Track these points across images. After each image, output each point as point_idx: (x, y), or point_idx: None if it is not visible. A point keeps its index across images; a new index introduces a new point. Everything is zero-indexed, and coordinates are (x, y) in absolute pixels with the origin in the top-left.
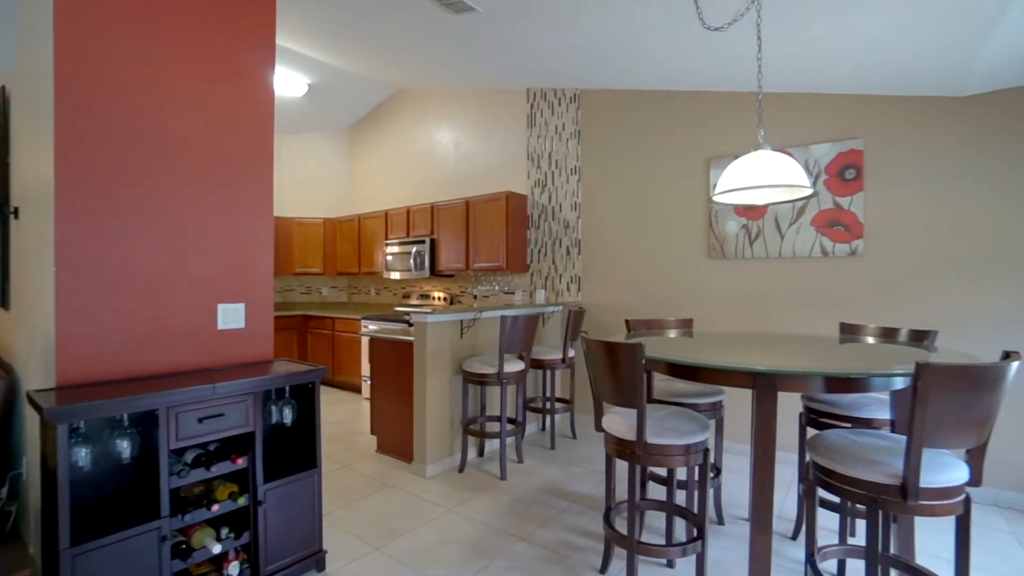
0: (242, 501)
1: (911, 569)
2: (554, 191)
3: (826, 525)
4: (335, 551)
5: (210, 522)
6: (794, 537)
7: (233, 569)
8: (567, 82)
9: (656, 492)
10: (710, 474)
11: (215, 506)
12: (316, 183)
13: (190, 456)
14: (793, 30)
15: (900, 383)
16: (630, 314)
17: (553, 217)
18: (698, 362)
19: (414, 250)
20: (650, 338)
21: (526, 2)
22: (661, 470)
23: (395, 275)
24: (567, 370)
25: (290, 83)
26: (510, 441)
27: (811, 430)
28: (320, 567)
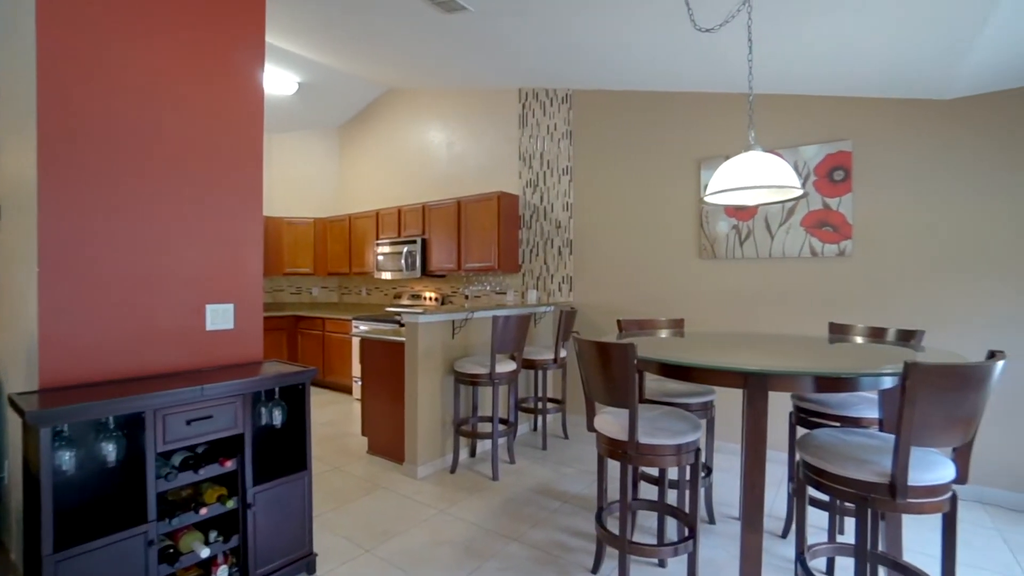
0: (231, 504)
1: (899, 566)
2: (546, 191)
3: (815, 523)
4: (326, 554)
5: (198, 526)
6: (784, 535)
7: (222, 573)
8: (559, 82)
9: (647, 492)
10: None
11: (203, 509)
12: (306, 183)
13: (178, 459)
14: (783, 32)
15: (888, 382)
16: (621, 314)
17: (545, 217)
18: (690, 362)
19: (405, 250)
20: (642, 338)
21: (518, 2)
22: (653, 470)
23: (386, 275)
24: (559, 370)
25: (280, 81)
26: (502, 442)
27: (801, 429)
28: (311, 570)
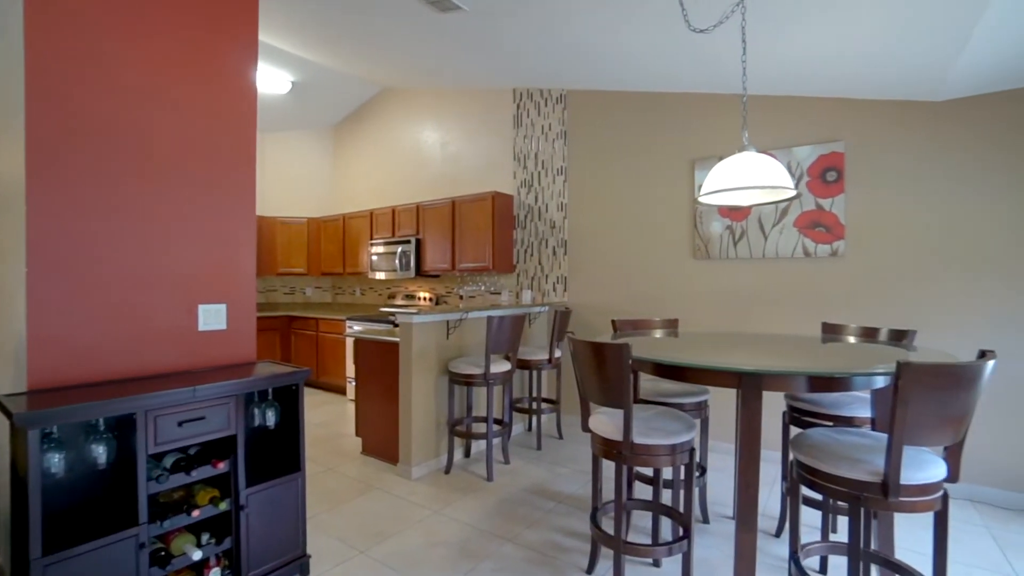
0: (223, 506)
1: (891, 564)
2: (540, 191)
3: (808, 522)
4: (319, 555)
5: (190, 528)
6: (778, 535)
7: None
8: (554, 82)
9: (642, 492)
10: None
11: (195, 511)
12: (300, 182)
13: (169, 461)
14: (776, 33)
15: (881, 382)
16: (616, 314)
17: (539, 217)
18: (685, 362)
19: (399, 250)
20: (636, 338)
21: (512, 2)
22: (647, 470)
23: (380, 275)
24: (553, 370)
25: (273, 80)
26: (496, 442)
27: (794, 429)
28: (304, 572)
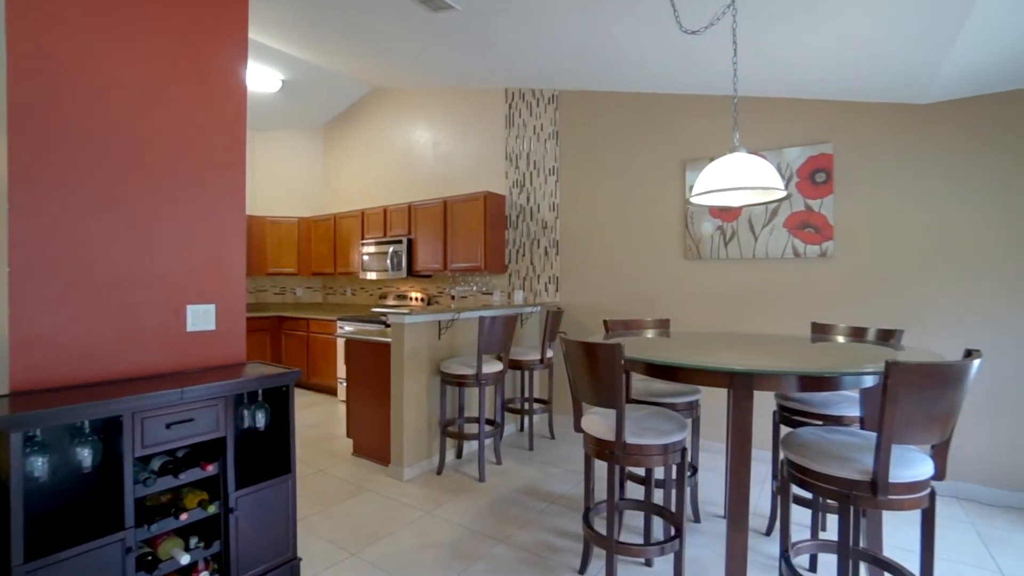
0: (212, 509)
1: (880, 561)
2: (532, 191)
3: (798, 520)
4: (310, 558)
5: (178, 531)
6: (768, 533)
7: None
8: (546, 83)
9: (634, 491)
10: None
11: (184, 515)
12: (290, 182)
13: (157, 463)
14: (766, 35)
15: (870, 381)
16: (608, 314)
17: (531, 217)
18: (677, 362)
19: (391, 250)
20: (628, 338)
21: (505, 1)
22: (639, 469)
23: (371, 275)
24: (545, 371)
25: (263, 79)
26: (488, 442)
27: (784, 428)
28: (295, 575)
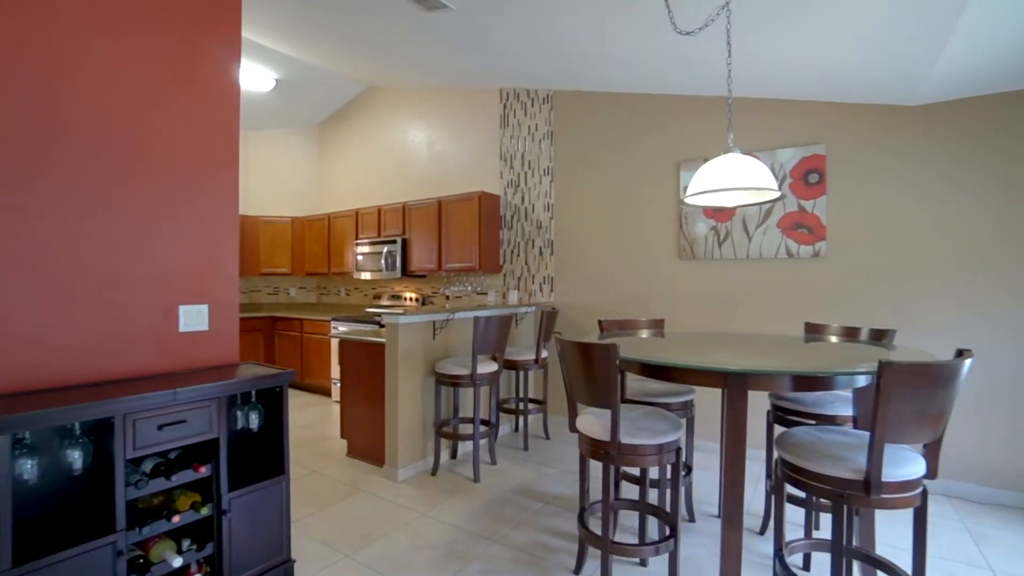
0: (205, 511)
1: (872, 560)
2: (527, 192)
3: (792, 519)
4: (304, 560)
5: (170, 534)
6: (762, 532)
7: None
8: (540, 83)
9: (629, 491)
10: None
11: (176, 517)
12: (284, 181)
13: (149, 465)
14: (760, 37)
15: (863, 381)
16: (602, 314)
17: (526, 218)
18: (672, 362)
19: (385, 250)
20: (623, 338)
21: (500, 1)
22: (634, 469)
23: (366, 275)
24: (540, 371)
25: (257, 78)
26: (483, 443)
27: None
28: None
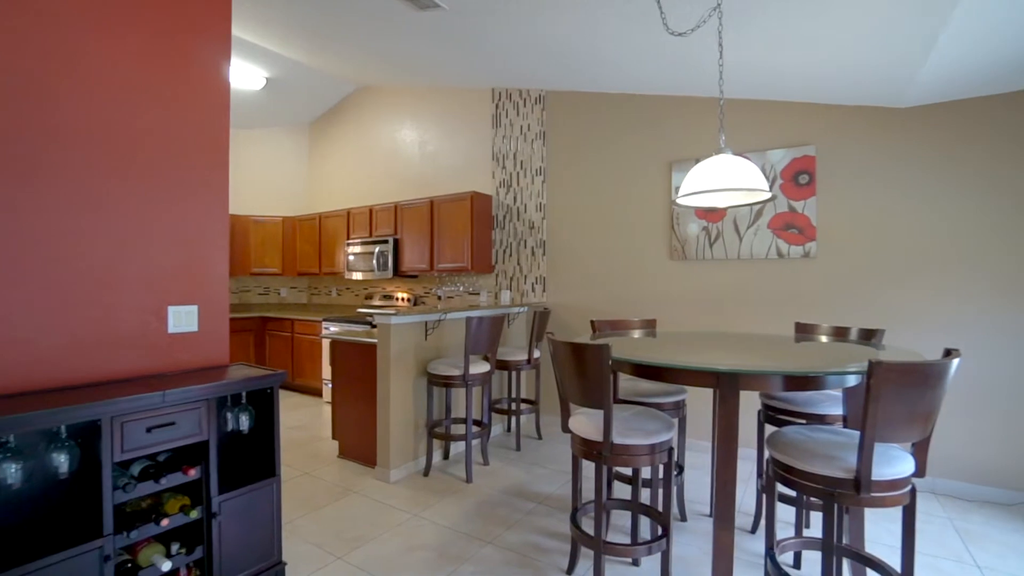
0: (195, 514)
1: (862, 558)
2: (519, 192)
3: (782, 518)
4: (295, 562)
5: (159, 537)
6: (753, 531)
7: None
8: (533, 83)
9: (621, 491)
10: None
11: (165, 520)
12: (275, 180)
13: (137, 468)
14: (751, 39)
15: (853, 380)
16: (595, 314)
17: (518, 218)
18: (664, 363)
19: (377, 250)
20: (615, 338)
21: (493, 1)
22: (626, 469)
23: (357, 276)
24: (532, 371)
25: (247, 76)
26: (475, 443)
27: (769, 426)
28: None
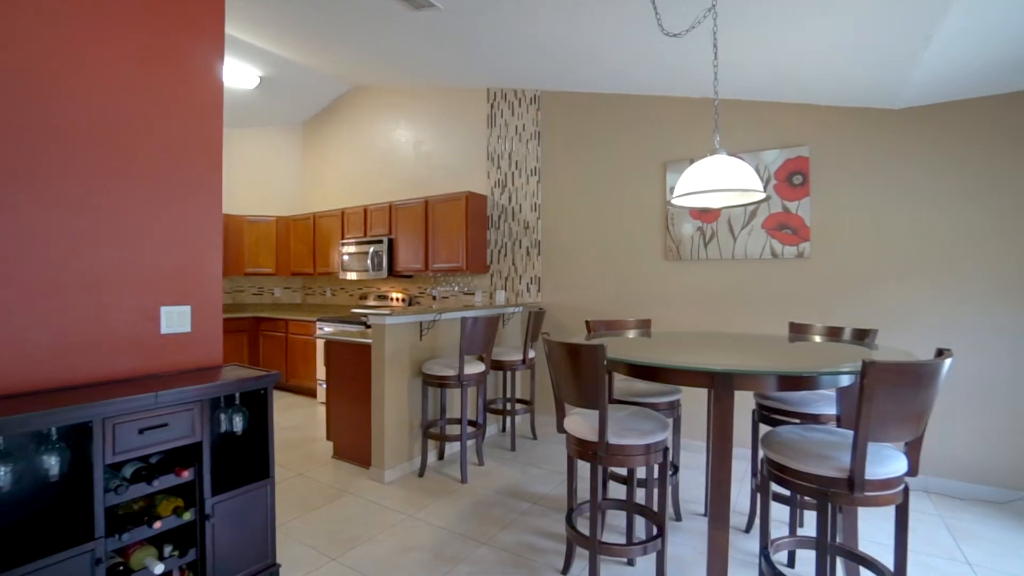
0: (188, 516)
1: (856, 557)
2: (514, 192)
3: (776, 517)
4: (289, 564)
5: (152, 540)
6: (747, 530)
7: None
8: (527, 83)
9: (616, 491)
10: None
11: (157, 523)
12: (268, 180)
13: (129, 470)
14: (746, 40)
15: (847, 380)
16: (590, 314)
17: (513, 218)
18: (659, 363)
19: (371, 250)
20: (610, 339)
21: (487, 1)
22: (621, 469)
23: (352, 276)
24: (527, 371)
25: (240, 75)
26: (470, 444)
27: (763, 426)
28: None
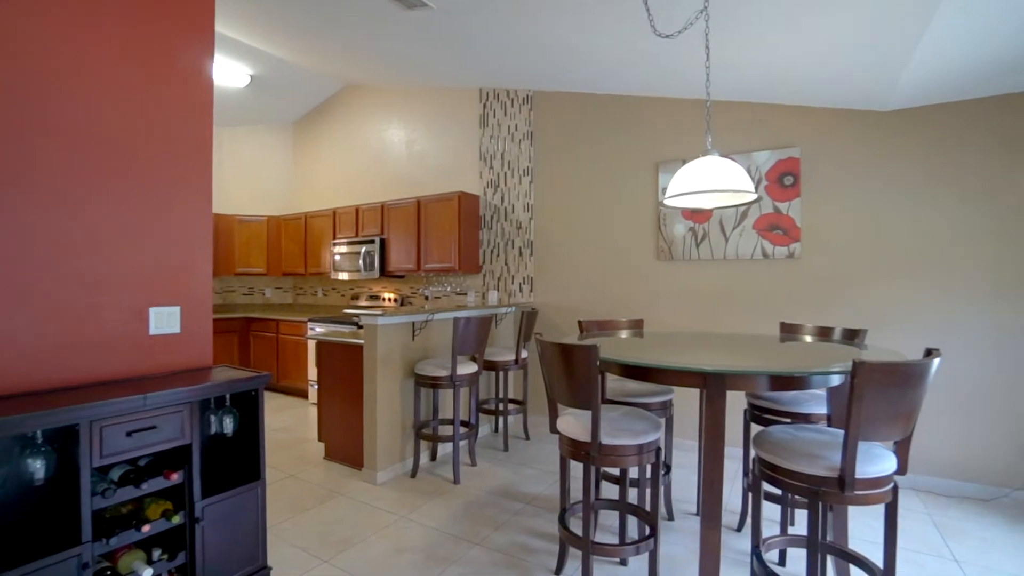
0: (177, 519)
1: (846, 554)
2: (507, 192)
3: (768, 516)
4: (281, 566)
5: (141, 544)
6: (739, 529)
7: None
8: (520, 83)
9: (608, 491)
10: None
11: (146, 526)
12: (259, 179)
13: (117, 473)
14: (737, 42)
15: (837, 380)
16: (582, 314)
17: (505, 218)
18: (652, 363)
19: (363, 250)
20: (603, 339)
21: (480, 0)
22: (614, 469)
23: (343, 276)
24: (520, 371)
25: (231, 73)
26: (463, 444)
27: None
28: None
